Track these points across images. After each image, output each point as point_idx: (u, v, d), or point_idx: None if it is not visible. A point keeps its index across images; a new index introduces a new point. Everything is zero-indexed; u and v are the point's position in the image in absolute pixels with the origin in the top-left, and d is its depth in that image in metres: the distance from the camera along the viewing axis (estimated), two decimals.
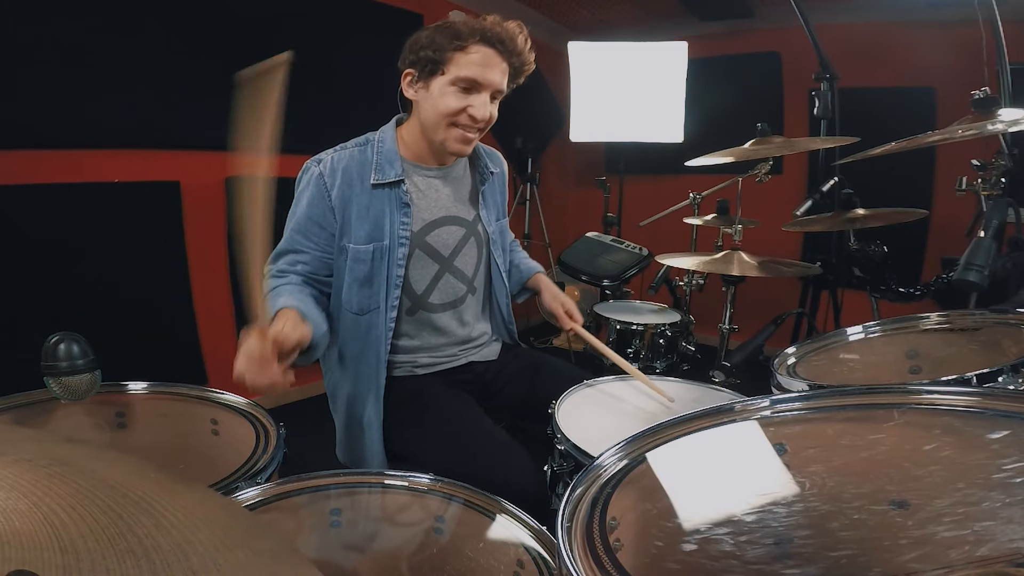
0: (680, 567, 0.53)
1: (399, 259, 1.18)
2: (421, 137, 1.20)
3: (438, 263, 1.24)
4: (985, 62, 1.81)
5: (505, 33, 1.11)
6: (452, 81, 1.10)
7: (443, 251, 1.24)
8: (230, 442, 0.98)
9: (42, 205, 1.94)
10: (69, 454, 0.41)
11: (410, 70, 1.15)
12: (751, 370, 1.41)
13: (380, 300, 1.18)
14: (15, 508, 0.31)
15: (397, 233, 1.18)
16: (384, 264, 1.17)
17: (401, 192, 1.18)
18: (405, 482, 0.89)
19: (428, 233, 1.22)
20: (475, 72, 1.10)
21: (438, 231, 1.24)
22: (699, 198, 2.40)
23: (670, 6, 3.42)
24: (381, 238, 1.17)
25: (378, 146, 1.20)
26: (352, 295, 1.18)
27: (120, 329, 2.02)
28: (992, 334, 1.05)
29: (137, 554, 0.31)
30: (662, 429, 0.76)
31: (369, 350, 1.19)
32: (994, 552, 0.45)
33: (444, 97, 1.11)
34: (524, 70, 1.17)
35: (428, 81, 1.13)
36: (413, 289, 1.23)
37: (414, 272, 1.22)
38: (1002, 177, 1.51)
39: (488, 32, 1.09)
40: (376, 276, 1.17)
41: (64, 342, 0.94)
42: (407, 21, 2.96)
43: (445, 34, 1.09)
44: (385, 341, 1.19)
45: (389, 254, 1.17)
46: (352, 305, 1.19)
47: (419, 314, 1.25)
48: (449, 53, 1.09)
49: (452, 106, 1.11)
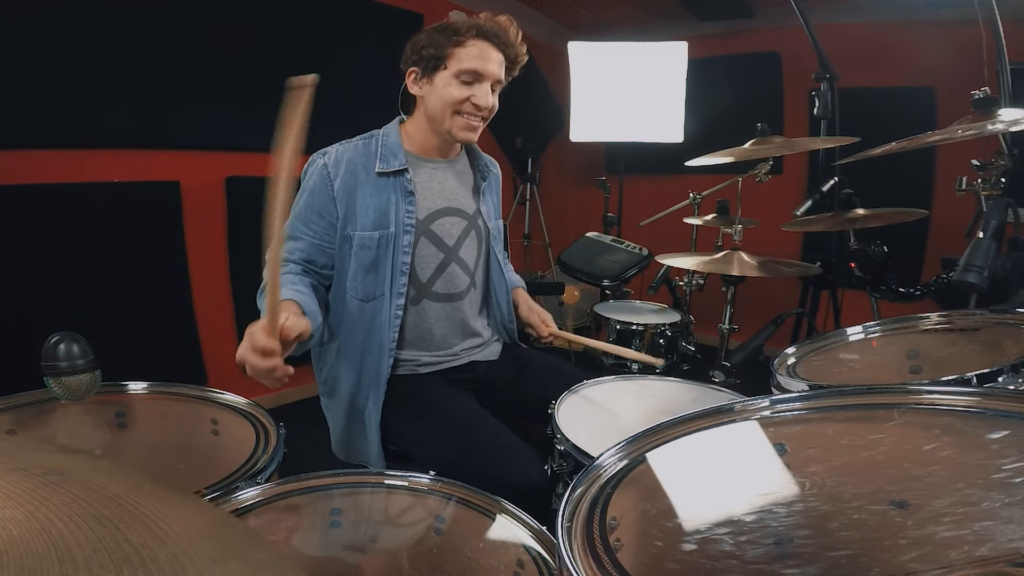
0: (680, 567, 0.53)
1: (404, 246, 1.21)
2: (427, 131, 1.26)
3: (443, 252, 1.27)
4: (985, 62, 1.81)
5: (497, 26, 1.20)
6: (455, 74, 1.17)
7: (447, 240, 1.28)
8: (230, 442, 0.98)
9: (42, 205, 1.94)
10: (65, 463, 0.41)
11: (413, 68, 1.22)
12: (751, 370, 1.41)
13: (386, 287, 1.20)
14: (12, 517, 0.31)
15: (402, 220, 1.21)
16: (390, 251, 1.20)
17: (405, 180, 1.22)
18: (405, 482, 0.89)
19: (432, 221, 1.26)
20: (475, 64, 1.17)
21: (442, 220, 1.27)
22: (699, 198, 2.40)
23: (670, 6, 3.43)
24: (387, 225, 1.20)
25: (382, 139, 1.25)
26: (358, 281, 1.20)
27: (120, 329, 2.02)
28: (992, 334, 1.05)
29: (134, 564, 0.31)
30: (662, 429, 0.76)
31: (374, 338, 1.21)
32: (994, 552, 0.45)
33: (448, 88, 1.18)
34: (519, 61, 1.25)
35: (432, 76, 1.20)
36: (418, 276, 1.25)
37: (419, 259, 1.24)
38: (1002, 177, 1.51)
39: (483, 27, 1.18)
40: (382, 262, 1.20)
41: (64, 342, 0.94)
42: (407, 21, 2.96)
43: (444, 32, 1.18)
44: (391, 329, 1.21)
45: (395, 241, 1.20)
46: (357, 292, 1.21)
47: (423, 303, 1.27)
48: (449, 48, 1.17)
49: (456, 95, 1.18)
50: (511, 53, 1.22)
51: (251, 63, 2.37)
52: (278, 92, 0.77)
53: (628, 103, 3.31)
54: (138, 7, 2.07)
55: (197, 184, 2.34)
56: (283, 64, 2.53)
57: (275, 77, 0.85)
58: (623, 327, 1.99)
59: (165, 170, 2.26)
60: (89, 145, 2.05)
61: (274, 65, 2.45)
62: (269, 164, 0.76)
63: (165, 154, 2.25)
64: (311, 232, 1.20)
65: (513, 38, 1.22)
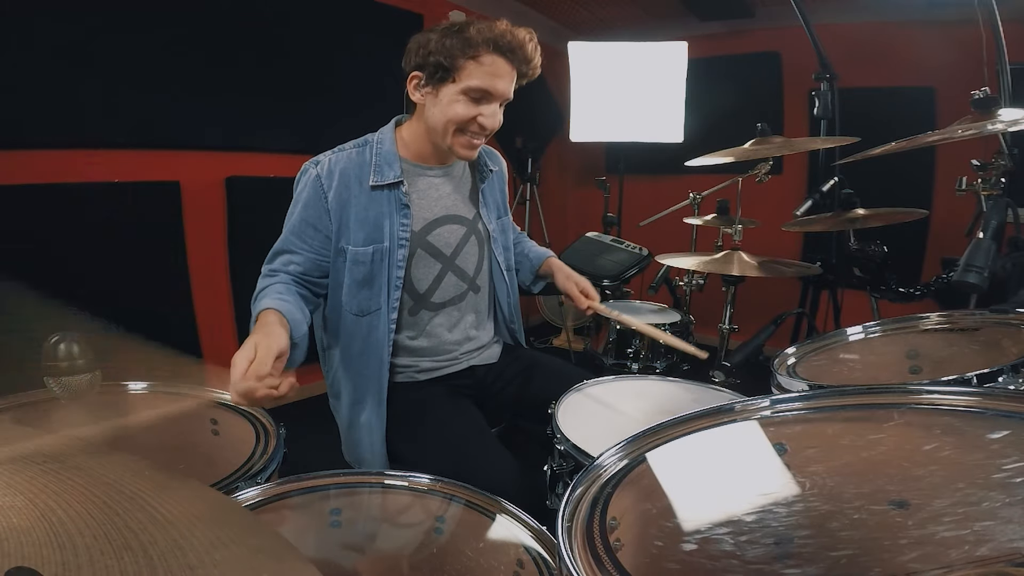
0: (680, 567, 0.53)
1: (399, 260, 1.18)
2: (424, 138, 1.20)
3: (440, 262, 1.24)
4: (985, 62, 1.80)
5: (516, 41, 1.09)
6: (463, 90, 1.09)
7: (445, 250, 1.24)
8: (230, 442, 0.98)
9: (42, 205, 1.94)
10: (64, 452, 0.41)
11: (417, 73, 1.13)
12: (751, 370, 1.40)
13: (381, 302, 1.18)
14: (12, 505, 0.31)
15: (397, 234, 1.17)
16: (384, 266, 1.17)
17: (400, 194, 1.17)
18: (405, 482, 0.89)
19: (429, 232, 1.22)
20: (486, 82, 1.09)
21: (439, 230, 1.23)
22: (699, 198, 2.40)
23: (670, 6, 3.42)
24: (380, 240, 1.16)
25: (377, 147, 1.20)
26: (352, 297, 1.18)
27: (120, 328, 2.02)
28: (992, 334, 1.05)
29: (134, 549, 0.31)
30: (662, 429, 0.76)
31: (370, 351, 1.19)
32: (994, 552, 0.45)
33: (454, 105, 1.10)
34: (530, 76, 1.16)
35: (437, 87, 1.11)
36: (415, 288, 1.23)
37: (416, 272, 1.21)
38: (1002, 177, 1.51)
39: (500, 40, 1.07)
40: (376, 278, 1.17)
41: (64, 342, 0.94)
42: (407, 21, 2.96)
43: (456, 40, 1.07)
44: (387, 343, 1.19)
45: (389, 256, 1.17)
46: (352, 307, 1.18)
47: (421, 313, 1.25)
48: (460, 61, 1.07)
49: (462, 115, 1.11)
50: (525, 70, 1.14)
51: (251, 63, 2.37)
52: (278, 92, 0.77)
53: (628, 103, 3.31)
54: (138, 6, 2.06)
55: (197, 184, 2.34)
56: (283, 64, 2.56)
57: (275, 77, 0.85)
58: (623, 327, 1.99)
59: (165, 170, 2.25)
60: (89, 145, 2.05)
61: (274, 65, 2.46)
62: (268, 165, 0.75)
63: (165, 154, 2.25)
64: (307, 246, 1.15)
65: (531, 54, 1.12)
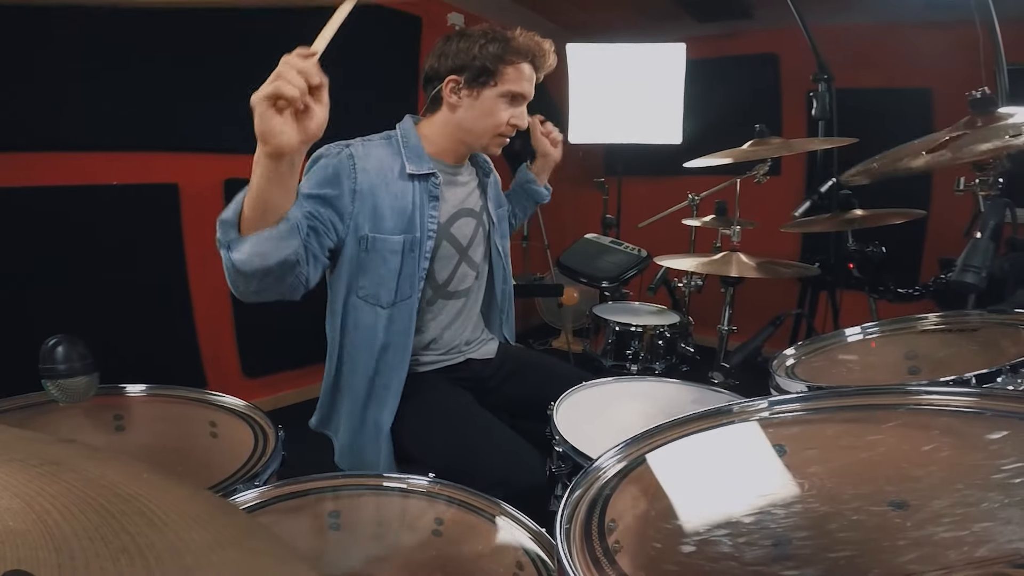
0: (679, 569, 0.53)
1: (426, 252, 1.20)
2: (449, 136, 1.24)
3: (459, 253, 1.29)
4: (982, 63, 1.81)
5: (539, 50, 1.20)
6: (502, 94, 1.18)
7: (463, 241, 1.29)
8: (229, 445, 0.97)
9: (41, 207, 1.94)
10: (60, 453, 0.41)
11: (456, 76, 1.17)
12: (750, 371, 1.40)
13: (408, 292, 1.19)
14: (7, 508, 0.31)
15: (426, 225, 1.19)
16: (413, 257, 1.19)
17: (432, 185, 1.20)
18: (404, 484, 0.89)
19: (452, 224, 1.26)
20: (523, 87, 1.19)
21: (459, 222, 1.28)
22: (697, 199, 2.40)
23: (668, 8, 3.43)
24: (411, 230, 1.18)
25: (402, 141, 1.22)
26: (379, 287, 1.17)
27: (118, 331, 2.02)
28: (991, 334, 1.05)
29: (131, 552, 0.31)
30: (661, 431, 0.76)
31: (395, 343, 1.19)
32: (993, 553, 0.45)
33: (496, 108, 1.19)
34: (538, 79, 1.26)
35: (478, 90, 1.18)
36: (436, 279, 1.26)
37: (439, 262, 1.25)
38: (1000, 177, 1.51)
39: (535, 51, 1.19)
40: (405, 268, 1.18)
41: (62, 344, 0.93)
42: (406, 24, 2.96)
43: (499, 47, 1.15)
44: (410, 332, 1.20)
45: (419, 247, 1.19)
46: (378, 298, 1.17)
47: (437, 302, 1.28)
48: (502, 66, 1.16)
49: (504, 118, 1.20)
50: (540, 75, 1.24)
51: (250, 65, 2.36)
52: None
53: (626, 105, 3.31)
54: (137, 8, 2.06)
55: (196, 186, 2.33)
56: None
57: None
58: (622, 329, 1.99)
59: (164, 172, 2.25)
60: (88, 147, 2.05)
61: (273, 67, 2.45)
62: None
63: (164, 156, 2.25)
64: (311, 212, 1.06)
65: (551, 62, 1.23)
